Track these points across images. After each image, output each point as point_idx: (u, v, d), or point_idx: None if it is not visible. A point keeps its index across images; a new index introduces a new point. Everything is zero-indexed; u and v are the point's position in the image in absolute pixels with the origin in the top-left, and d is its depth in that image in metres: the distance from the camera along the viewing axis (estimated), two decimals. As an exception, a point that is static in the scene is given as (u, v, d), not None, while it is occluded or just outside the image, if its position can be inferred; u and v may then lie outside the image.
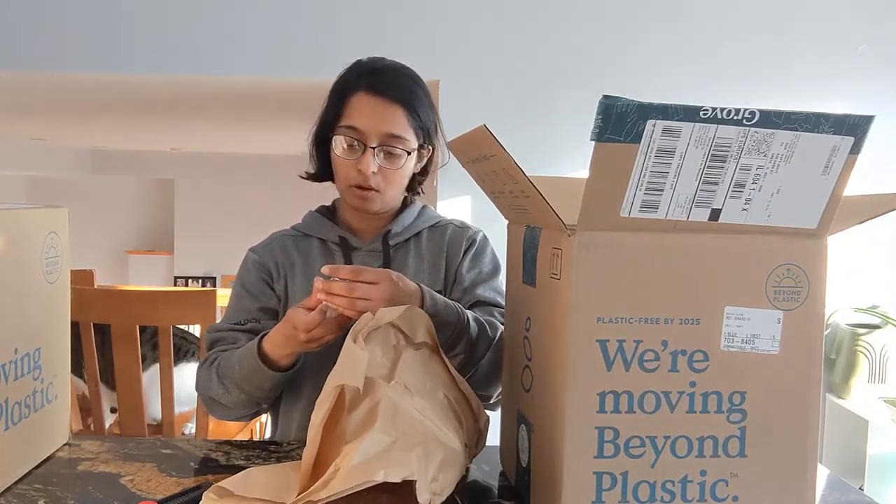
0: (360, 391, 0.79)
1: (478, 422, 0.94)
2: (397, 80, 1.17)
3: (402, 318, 0.89)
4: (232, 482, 0.79)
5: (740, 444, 0.76)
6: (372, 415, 0.78)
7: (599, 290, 0.73)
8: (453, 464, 0.81)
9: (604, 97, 0.64)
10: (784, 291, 0.75)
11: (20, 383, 0.93)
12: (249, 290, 1.24)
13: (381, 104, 1.14)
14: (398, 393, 0.81)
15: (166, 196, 7.73)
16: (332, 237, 1.25)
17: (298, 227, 1.29)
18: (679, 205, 0.71)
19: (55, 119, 4.21)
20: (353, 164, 1.15)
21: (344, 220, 1.28)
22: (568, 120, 2.36)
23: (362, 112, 1.14)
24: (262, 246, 1.28)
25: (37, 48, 2.36)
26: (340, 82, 1.20)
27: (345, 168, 1.17)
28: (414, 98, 1.17)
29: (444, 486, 0.77)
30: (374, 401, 0.79)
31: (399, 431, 0.76)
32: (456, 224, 1.31)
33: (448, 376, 0.92)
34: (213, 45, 2.38)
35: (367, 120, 1.14)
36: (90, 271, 2.85)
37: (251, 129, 4.68)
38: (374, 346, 0.86)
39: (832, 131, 0.68)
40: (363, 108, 1.14)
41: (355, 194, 1.18)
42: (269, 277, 1.25)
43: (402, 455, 0.74)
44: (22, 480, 0.93)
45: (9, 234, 0.90)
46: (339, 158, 1.17)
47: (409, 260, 1.24)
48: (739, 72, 2.39)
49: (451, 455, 0.81)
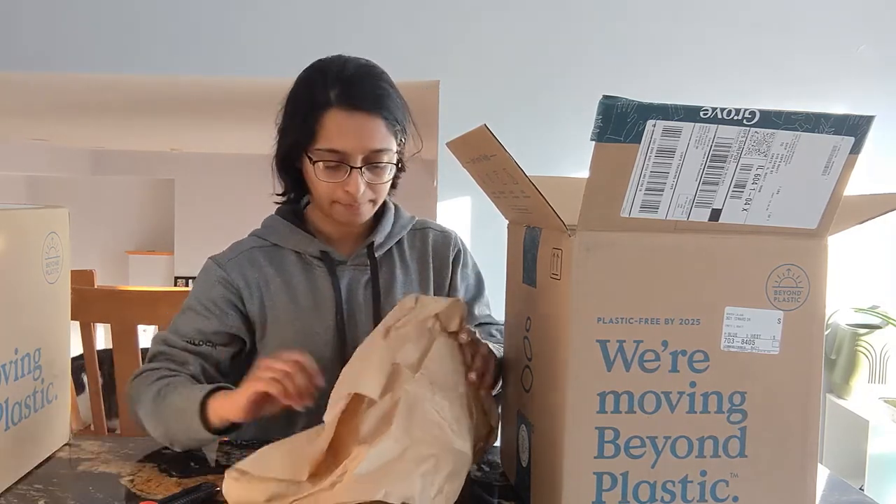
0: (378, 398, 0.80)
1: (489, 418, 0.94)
2: (370, 87, 1.07)
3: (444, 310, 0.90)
4: (250, 463, 0.81)
5: (740, 445, 0.76)
6: (388, 416, 0.78)
7: (600, 290, 0.73)
8: (461, 472, 0.81)
9: (604, 97, 0.64)
10: (784, 291, 0.75)
11: (20, 383, 0.93)
12: (210, 308, 1.12)
13: (360, 120, 1.05)
14: (421, 389, 0.81)
15: (166, 196, 7.72)
16: (311, 250, 1.16)
17: (264, 235, 1.19)
18: (679, 205, 0.71)
19: (55, 119, 4.20)
20: (339, 186, 1.07)
21: (318, 230, 1.19)
22: (568, 120, 2.36)
23: (342, 132, 1.04)
24: (228, 260, 1.16)
25: (37, 48, 2.36)
26: (304, 97, 1.08)
27: (328, 189, 1.08)
28: (389, 101, 1.08)
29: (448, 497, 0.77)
30: (394, 399, 0.80)
31: (412, 438, 0.77)
32: (434, 228, 1.27)
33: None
34: (214, 46, 2.38)
35: (347, 140, 1.04)
36: (90, 271, 2.84)
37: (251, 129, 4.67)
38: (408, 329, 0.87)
39: (832, 131, 0.68)
40: (342, 128, 1.04)
41: (343, 212, 1.11)
42: (236, 298, 1.14)
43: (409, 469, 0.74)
44: (22, 480, 0.93)
45: (9, 235, 0.90)
46: (321, 182, 1.07)
47: (395, 271, 1.20)
48: (739, 72, 2.39)
49: (461, 463, 0.81)
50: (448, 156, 1.24)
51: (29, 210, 0.96)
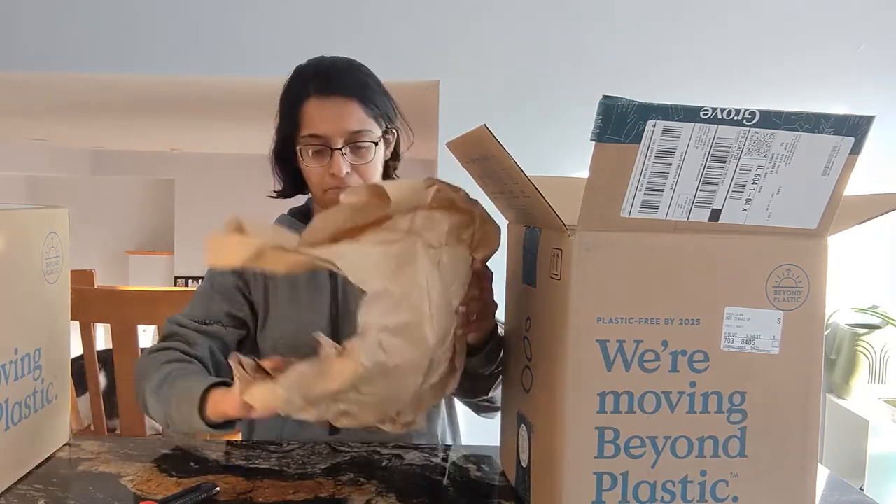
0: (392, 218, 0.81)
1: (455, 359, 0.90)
2: (344, 76, 1.16)
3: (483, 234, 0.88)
4: (249, 222, 0.82)
5: (740, 445, 0.76)
6: (393, 241, 0.80)
7: (600, 290, 0.73)
8: (413, 343, 0.80)
9: (604, 97, 0.64)
10: (784, 291, 0.75)
11: (20, 383, 0.93)
12: (220, 291, 1.20)
13: (336, 104, 1.13)
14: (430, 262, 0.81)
15: (166, 196, 7.72)
16: None
17: None
18: (679, 205, 0.71)
19: (55, 119, 4.20)
20: (325, 170, 1.13)
21: None
22: (568, 120, 2.36)
23: (320, 116, 1.12)
24: None
25: (37, 48, 2.36)
26: (288, 94, 1.17)
27: (317, 175, 1.15)
28: (365, 88, 1.15)
29: (391, 349, 0.78)
30: (406, 242, 0.80)
31: (398, 285, 0.78)
32: None
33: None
34: (214, 46, 2.38)
35: (326, 123, 1.12)
36: (90, 272, 2.84)
37: (251, 129, 4.67)
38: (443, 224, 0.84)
39: (832, 131, 0.68)
40: (319, 113, 1.12)
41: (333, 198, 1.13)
42: (243, 285, 1.21)
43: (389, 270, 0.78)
44: (22, 481, 0.93)
45: (9, 235, 0.90)
46: (310, 168, 1.15)
47: None
48: (739, 72, 2.39)
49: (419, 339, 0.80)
50: (448, 156, 1.24)
51: (29, 210, 0.96)
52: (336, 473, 0.97)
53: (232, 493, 0.90)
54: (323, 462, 1.01)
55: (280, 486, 0.93)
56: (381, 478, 0.96)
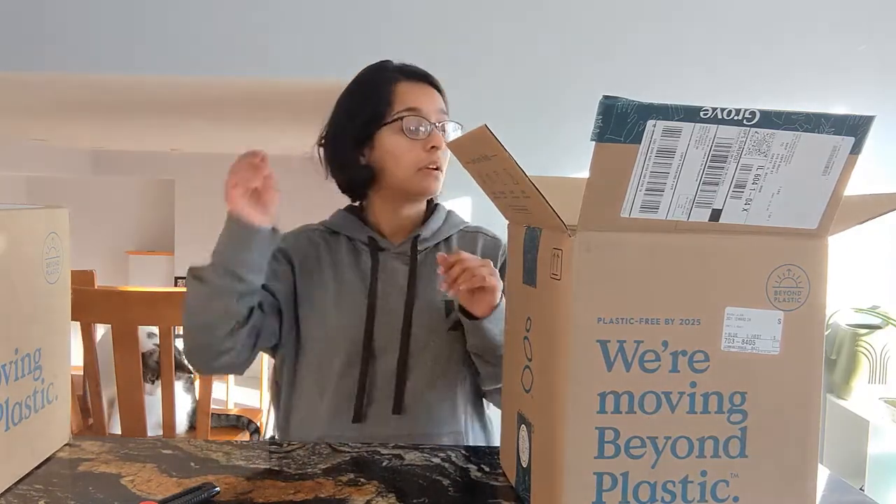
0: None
1: None
2: (423, 70, 1.27)
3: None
4: None
5: (741, 445, 0.76)
6: None
7: (600, 290, 0.73)
8: None
9: (604, 97, 0.64)
10: (784, 292, 0.75)
11: (20, 384, 0.93)
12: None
13: (426, 87, 1.24)
14: None
15: (166, 196, 7.72)
16: (360, 236, 1.26)
17: (327, 223, 1.31)
18: (679, 205, 0.71)
19: (55, 119, 4.20)
20: (421, 146, 1.19)
21: (374, 222, 1.29)
22: (568, 120, 2.36)
23: (415, 94, 1.21)
24: (292, 234, 1.29)
25: (37, 48, 2.36)
26: (372, 80, 1.24)
27: (411, 152, 1.20)
28: (439, 85, 1.27)
29: None
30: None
31: None
32: (486, 234, 1.33)
33: None
34: (215, 46, 2.38)
35: (422, 100, 1.21)
36: (91, 272, 2.83)
37: (251, 130, 4.67)
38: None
39: (832, 131, 0.68)
40: (414, 91, 1.22)
41: (424, 176, 1.21)
42: (287, 267, 1.25)
43: None
44: (22, 481, 0.93)
45: (9, 235, 0.90)
46: (405, 143, 1.20)
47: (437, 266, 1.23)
48: (739, 72, 2.39)
49: None
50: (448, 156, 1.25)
51: (29, 210, 0.96)
52: (336, 473, 0.97)
53: (232, 494, 0.90)
54: (323, 462, 1.01)
55: (280, 487, 0.93)
56: (381, 478, 0.96)
